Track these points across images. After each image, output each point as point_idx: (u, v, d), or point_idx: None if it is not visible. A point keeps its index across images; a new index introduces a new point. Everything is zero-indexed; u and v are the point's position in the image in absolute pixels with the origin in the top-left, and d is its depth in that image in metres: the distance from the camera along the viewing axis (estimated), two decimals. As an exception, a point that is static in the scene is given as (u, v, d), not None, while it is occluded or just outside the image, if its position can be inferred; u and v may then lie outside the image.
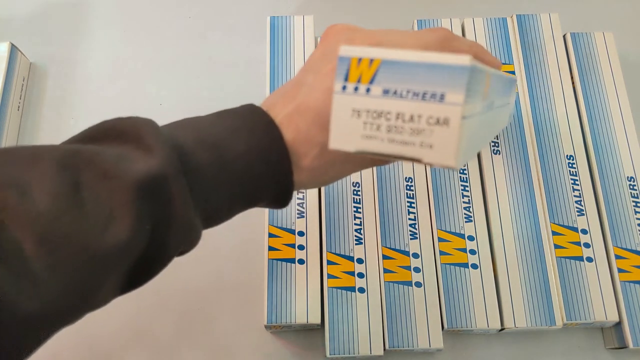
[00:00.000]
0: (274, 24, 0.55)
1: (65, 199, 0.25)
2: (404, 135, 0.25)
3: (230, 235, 0.50)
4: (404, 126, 0.25)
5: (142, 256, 0.27)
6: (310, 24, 0.55)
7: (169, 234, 0.28)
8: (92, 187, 0.26)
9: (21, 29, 0.61)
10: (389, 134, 0.25)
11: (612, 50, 0.53)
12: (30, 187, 0.25)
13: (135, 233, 0.26)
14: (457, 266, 0.46)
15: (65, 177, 0.25)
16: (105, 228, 0.25)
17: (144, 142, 0.28)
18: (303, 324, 0.44)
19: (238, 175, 0.30)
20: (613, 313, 0.44)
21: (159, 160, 0.27)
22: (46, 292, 0.24)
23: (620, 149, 0.49)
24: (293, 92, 0.32)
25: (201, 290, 0.49)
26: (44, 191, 0.25)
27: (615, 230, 0.47)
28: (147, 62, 0.59)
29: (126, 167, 0.26)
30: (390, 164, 0.49)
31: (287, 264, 0.46)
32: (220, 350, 0.47)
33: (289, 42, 0.54)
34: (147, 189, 0.26)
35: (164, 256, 0.29)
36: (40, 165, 0.25)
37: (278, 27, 0.55)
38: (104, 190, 0.26)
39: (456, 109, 0.24)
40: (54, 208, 0.24)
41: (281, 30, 0.55)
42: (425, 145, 0.24)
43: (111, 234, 0.25)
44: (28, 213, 0.24)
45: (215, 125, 0.31)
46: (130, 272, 0.28)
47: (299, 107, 0.31)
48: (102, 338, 0.47)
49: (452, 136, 0.24)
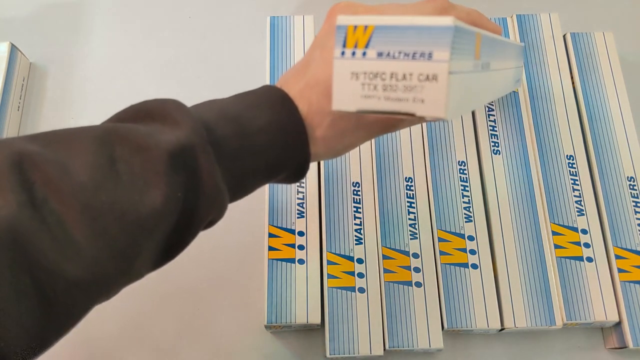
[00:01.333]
0: (274, 23, 0.55)
1: (103, 171, 0.27)
2: (398, 93, 0.27)
3: (229, 235, 0.50)
4: (398, 84, 0.27)
5: (175, 224, 0.29)
6: (310, 23, 0.55)
7: (198, 201, 0.30)
8: (127, 160, 0.28)
9: (21, 29, 0.61)
10: (385, 92, 0.27)
11: (612, 50, 0.53)
12: (70, 162, 0.27)
13: (168, 200, 0.28)
14: (457, 266, 0.46)
15: (103, 152, 0.27)
16: (141, 196, 0.27)
17: (171, 117, 0.30)
18: (303, 324, 0.44)
19: (260, 146, 0.32)
20: (613, 313, 0.44)
21: (186, 131, 0.29)
22: (89, 258, 0.26)
23: (620, 149, 0.49)
24: (303, 69, 0.35)
25: (200, 290, 0.49)
26: (83, 165, 0.27)
27: (615, 230, 0.47)
28: (147, 62, 0.59)
29: (157, 140, 0.28)
30: (391, 164, 0.49)
31: (287, 264, 0.46)
32: (220, 350, 0.47)
33: (289, 42, 0.54)
34: (177, 158, 0.28)
35: (195, 224, 0.30)
36: (79, 143, 0.28)
37: (278, 27, 0.55)
38: (138, 162, 0.28)
39: (443, 65, 0.26)
40: (94, 180, 0.26)
41: (281, 30, 0.55)
42: (417, 100, 0.27)
43: (147, 201, 0.27)
44: (69, 185, 0.26)
45: (236, 104, 0.33)
46: (165, 241, 0.29)
47: (309, 81, 0.34)
48: (101, 340, 0.47)
49: (440, 90, 0.26)
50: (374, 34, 0.27)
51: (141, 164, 0.28)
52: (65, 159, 0.27)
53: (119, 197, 0.27)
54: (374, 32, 0.27)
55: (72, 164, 0.27)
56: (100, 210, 0.26)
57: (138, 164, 0.28)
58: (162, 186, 0.28)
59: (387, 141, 0.50)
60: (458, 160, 0.49)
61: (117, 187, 0.27)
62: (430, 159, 0.49)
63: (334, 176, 0.49)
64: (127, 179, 0.27)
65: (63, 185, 0.26)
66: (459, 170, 0.49)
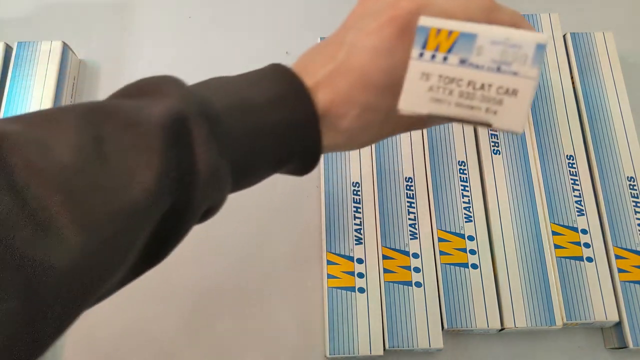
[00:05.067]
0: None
1: (88, 152, 0.25)
2: (474, 102, 0.27)
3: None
4: (475, 93, 0.27)
5: (170, 209, 0.27)
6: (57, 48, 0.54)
7: (194, 181, 0.27)
8: (114, 139, 0.25)
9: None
10: (460, 99, 0.27)
11: (612, 50, 0.53)
12: (52, 143, 0.24)
13: (161, 180, 0.25)
14: (457, 266, 0.46)
15: (87, 131, 0.25)
16: (131, 177, 0.25)
17: (161, 90, 0.28)
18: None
19: (263, 122, 0.30)
20: (613, 313, 0.44)
21: (177, 102, 0.27)
22: (77, 247, 0.23)
23: (620, 149, 0.49)
24: (332, 50, 0.32)
25: (203, 294, 0.49)
26: (66, 145, 0.24)
27: (615, 230, 0.46)
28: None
29: (146, 113, 0.26)
30: (391, 164, 0.49)
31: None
32: (218, 349, 0.47)
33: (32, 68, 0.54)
34: (169, 132, 0.26)
35: (191, 209, 0.28)
36: (62, 123, 0.25)
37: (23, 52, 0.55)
38: (127, 140, 0.25)
39: (529, 82, 0.26)
40: (77, 161, 0.24)
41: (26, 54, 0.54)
42: (490, 112, 0.27)
43: (138, 182, 0.25)
44: (51, 168, 0.23)
45: (237, 80, 0.31)
46: (159, 230, 0.27)
47: (340, 67, 0.31)
48: (104, 340, 0.47)
49: (521, 105, 0.27)
50: (459, 40, 0.27)
51: (130, 141, 0.25)
52: (48, 139, 0.24)
53: (107, 178, 0.24)
54: (459, 39, 0.27)
55: (55, 145, 0.24)
56: (86, 193, 0.24)
57: (127, 142, 0.25)
58: (155, 164, 0.25)
59: (387, 141, 0.50)
60: (458, 160, 0.49)
61: (105, 168, 0.24)
62: (430, 159, 0.49)
63: (334, 176, 0.49)
64: (115, 159, 0.25)
65: (44, 167, 0.23)
66: (459, 170, 0.49)
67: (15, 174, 0.23)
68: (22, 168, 0.23)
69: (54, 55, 0.54)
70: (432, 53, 0.28)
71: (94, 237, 0.24)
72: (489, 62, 0.27)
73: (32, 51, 0.55)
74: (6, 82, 0.53)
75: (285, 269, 0.49)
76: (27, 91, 0.53)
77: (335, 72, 0.31)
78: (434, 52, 0.28)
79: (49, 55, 0.54)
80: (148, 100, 0.27)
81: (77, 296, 0.24)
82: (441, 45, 0.27)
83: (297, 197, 0.52)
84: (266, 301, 0.48)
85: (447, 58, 0.27)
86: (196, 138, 0.27)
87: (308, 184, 0.52)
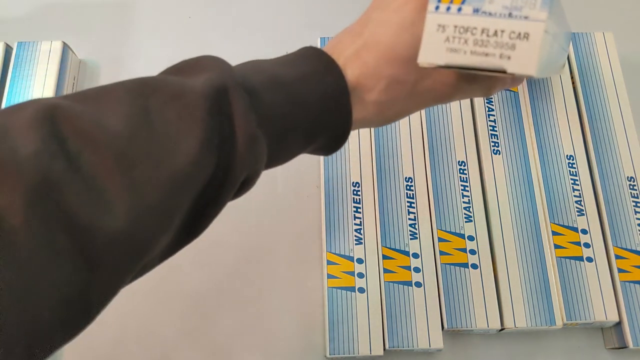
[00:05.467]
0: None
1: (137, 121, 0.26)
2: (488, 48, 0.28)
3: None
4: (489, 40, 0.28)
5: (212, 177, 0.28)
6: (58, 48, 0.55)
7: (234, 150, 0.28)
8: (160, 110, 0.27)
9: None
10: (475, 47, 0.29)
11: (612, 50, 0.53)
12: (103, 114, 0.26)
13: (204, 147, 0.27)
14: (457, 266, 0.46)
15: (136, 103, 0.26)
16: (177, 144, 0.26)
17: (204, 67, 0.29)
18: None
19: (297, 95, 0.31)
20: (613, 313, 0.44)
21: (217, 74, 0.28)
22: (126, 210, 0.24)
23: (620, 149, 0.49)
24: (359, 29, 0.34)
25: (204, 295, 0.49)
26: (116, 116, 0.26)
27: (615, 230, 0.46)
28: (148, 61, 0.59)
29: (190, 86, 0.28)
30: (391, 164, 0.49)
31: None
32: (219, 349, 0.47)
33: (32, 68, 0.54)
34: (211, 102, 0.27)
35: (230, 179, 0.29)
36: (111, 96, 0.27)
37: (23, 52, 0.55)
38: (172, 110, 0.27)
39: (539, 25, 0.28)
40: (127, 129, 0.25)
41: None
42: (504, 57, 0.28)
43: (183, 149, 0.26)
44: (103, 136, 0.25)
45: (269, 61, 0.32)
46: (200, 197, 0.28)
47: (367, 43, 0.32)
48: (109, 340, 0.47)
49: (533, 48, 0.28)
50: None
51: (176, 111, 0.27)
52: (98, 111, 0.26)
53: (154, 146, 0.26)
54: None
55: (105, 116, 0.25)
56: (135, 160, 0.25)
57: (172, 112, 0.27)
58: (199, 132, 0.27)
59: (387, 141, 0.50)
60: (458, 160, 0.49)
61: (152, 136, 0.26)
62: (430, 159, 0.49)
63: (334, 176, 0.49)
64: (162, 128, 0.26)
65: (96, 135, 0.24)
66: (459, 170, 0.49)
67: (69, 142, 0.24)
68: (76, 136, 0.24)
69: (54, 55, 0.54)
70: (447, 5, 0.29)
71: (141, 202, 0.25)
72: (501, 9, 0.28)
73: (32, 51, 0.55)
74: (6, 82, 0.53)
75: (285, 269, 0.49)
76: (27, 91, 0.53)
77: (363, 48, 0.32)
78: (449, 5, 0.29)
79: (49, 55, 0.54)
80: (191, 75, 0.29)
81: (123, 262, 0.25)
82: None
83: (297, 197, 0.52)
84: (266, 301, 0.48)
85: (461, 9, 0.29)
86: (236, 108, 0.28)
87: (308, 184, 0.52)
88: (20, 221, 0.22)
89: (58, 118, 0.24)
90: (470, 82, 0.34)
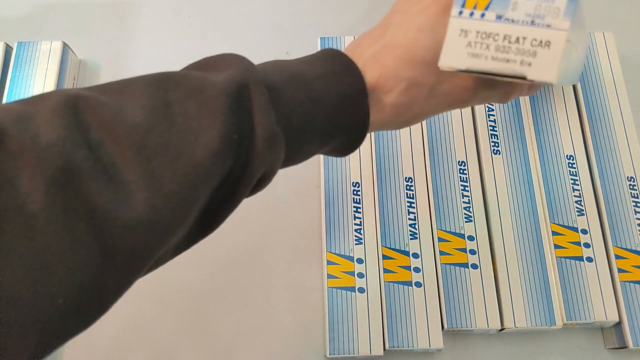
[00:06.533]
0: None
1: (158, 113, 0.26)
2: (510, 54, 0.29)
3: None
4: (511, 46, 0.29)
5: (230, 171, 0.28)
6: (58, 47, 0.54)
7: (253, 145, 0.28)
8: (181, 103, 0.27)
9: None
10: (496, 52, 0.29)
11: (612, 50, 0.53)
12: (125, 105, 0.26)
13: (224, 141, 0.27)
14: (457, 266, 0.46)
15: (157, 96, 0.27)
16: (196, 137, 0.26)
17: (225, 63, 0.30)
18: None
19: (317, 93, 0.31)
20: (613, 313, 0.44)
21: (240, 71, 0.29)
22: (144, 200, 0.24)
23: (620, 149, 0.49)
24: (379, 32, 0.34)
25: (204, 294, 0.49)
26: (137, 108, 0.26)
27: (615, 230, 0.46)
28: (148, 61, 0.59)
29: (212, 81, 0.28)
30: (391, 164, 0.49)
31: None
32: (219, 350, 0.47)
33: None
34: (232, 97, 0.28)
35: (248, 174, 0.29)
36: (132, 89, 0.27)
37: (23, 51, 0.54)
38: (193, 104, 0.27)
39: (561, 34, 0.28)
40: (148, 120, 0.26)
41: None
42: (525, 64, 0.28)
43: (202, 143, 0.26)
44: (124, 126, 0.25)
45: (289, 61, 0.33)
46: (217, 193, 0.28)
47: (387, 45, 0.33)
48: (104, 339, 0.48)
49: (554, 56, 0.28)
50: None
51: (196, 105, 0.27)
52: (120, 102, 0.26)
53: (174, 138, 0.26)
54: None
55: (127, 107, 0.26)
56: (155, 151, 0.25)
57: (193, 106, 0.27)
58: (218, 126, 0.27)
59: (387, 141, 0.50)
60: (458, 160, 0.49)
61: (172, 129, 0.26)
62: (430, 159, 0.49)
63: (334, 176, 0.49)
64: (182, 121, 0.26)
65: (118, 126, 0.25)
66: (459, 170, 0.49)
67: (91, 131, 0.24)
68: (97, 126, 0.25)
69: (54, 55, 0.54)
70: (471, 11, 0.29)
71: (159, 193, 0.25)
72: (524, 16, 0.28)
73: (32, 51, 0.55)
74: (6, 82, 0.53)
75: (285, 269, 0.49)
76: (27, 91, 0.53)
77: (383, 50, 0.33)
78: (472, 10, 0.29)
79: (49, 55, 0.54)
80: (213, 71, 0.29)
81: (138, 252, 0.25)
82: (479, 3, 0.29)
83: (297, 197, 0.52)
84: (266, 301, 0.48)
85: (484, 15, 0.29)
86: (256, 105, 0.28)
87: (308, 184, 0.52)
88: (40, 207, 0.22)
89: (81, 108, 0.25)
90: (488, 88, 0.34)
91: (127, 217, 0.24)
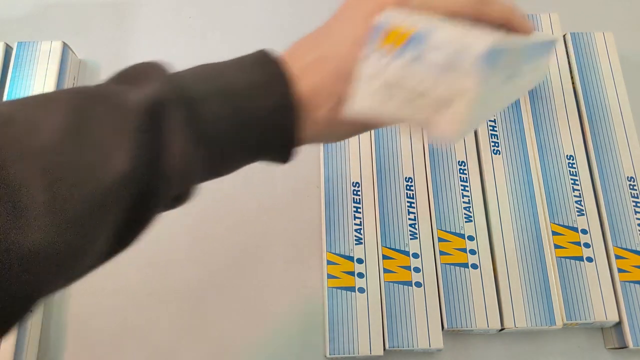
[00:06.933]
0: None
1: (72, 133, 0.25)
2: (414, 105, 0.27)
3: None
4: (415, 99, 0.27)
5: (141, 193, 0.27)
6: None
7: (164, 167, 0.27)
8: (99, 121, 0.26)
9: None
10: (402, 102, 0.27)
11: (612, 50, 0.53)
12: (41, 123, 0.25)
13: (132, 164, 0.26)
14: (457, 266, 0.46)
15: (75, 113, 0.26)
16: (106, 159, 0.25)
17: (144, 75, 0.28)
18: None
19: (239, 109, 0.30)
20: (613, 313, 0.44)
21: (156, 86, 0.27)
22: (43, 227, 0.23)
23: (620, 149, 0.49)
24: (319, 39, 0.32)
25: (203, 294, 0.49)
26: (52, 126, 0.25)
27: (615, 230, 0.46)
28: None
29: (129, 98, 0.27)
30: (391, 164, 0.49)
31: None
32: (218, 350, 0.47)
33: None
34: (145, 117, 0.27)
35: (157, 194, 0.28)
36: (53, 104, 0.26)
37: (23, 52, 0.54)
38: (109, 123, 0.26)
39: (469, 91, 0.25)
40: (59, 142, 0.25)
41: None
42: (429, 116, 0.26)
43: (113, 164, 0.25)
44: (33, 147, 0.24)
45: (224, 64, 0.31)
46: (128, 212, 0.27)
47: (323, 55, 0.31)
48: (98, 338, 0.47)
49: (458, 113, 0.25)
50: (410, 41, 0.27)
51: (112, 124, 0.26)
52: (38, 119, 0.25)
53: (86, 158, 0.25)
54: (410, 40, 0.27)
55: (43, 125, 0.25)
56: (60, 173, 0.24)
57: (109, 125, 0.26)
58: (126, 148, 0.26)
59: (387, 141, 0.50)
60: (458, 160, 0.49)
61: (84, 150, 0.25)
62: (430, 159, 0.49)
63: (334, 176, 0.49)
64: (96, 141, 0.25)
65: (29, 146, 0.24)
66: (459, 170, 0.49)
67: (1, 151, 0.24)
68: (9, 146, 0.24)
69: (54, 55, 0.54)
70: (382, 53, 0.27)
71: (63, 218, 0.24)
72: (434, 66, 0.26)
73: (32, 51, 0.55)
74: (6, 82, 0.53)
75: (285, 269, 0.49)
76: (27, 91, 0.53)
77: (319, 60, 0.31)
78: (383, 53, 0.27)
79: (49, 55, 0.54)
80: (134, 86, 0.28)
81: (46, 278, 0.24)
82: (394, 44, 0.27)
83: (297, 197, 0.52)
84: (266, 301, 0.48)
85: (392, 61, 0.27)
86: (170, 124, 0.27)
87: (308, 184, 0.52)
88: None
89: None
90: None
91: (24, 247, 0.23)
